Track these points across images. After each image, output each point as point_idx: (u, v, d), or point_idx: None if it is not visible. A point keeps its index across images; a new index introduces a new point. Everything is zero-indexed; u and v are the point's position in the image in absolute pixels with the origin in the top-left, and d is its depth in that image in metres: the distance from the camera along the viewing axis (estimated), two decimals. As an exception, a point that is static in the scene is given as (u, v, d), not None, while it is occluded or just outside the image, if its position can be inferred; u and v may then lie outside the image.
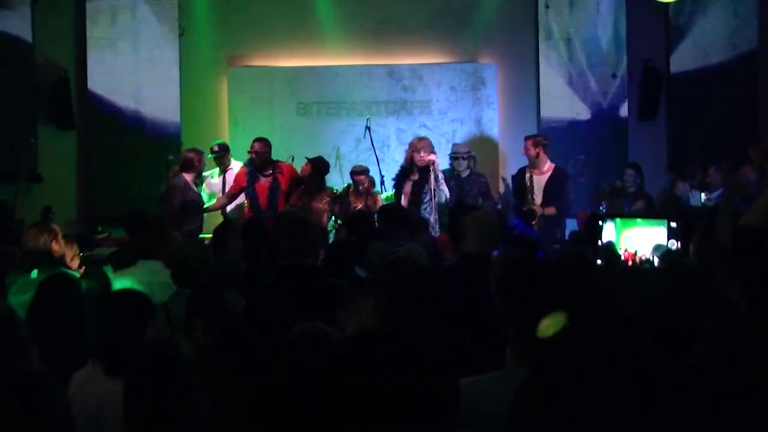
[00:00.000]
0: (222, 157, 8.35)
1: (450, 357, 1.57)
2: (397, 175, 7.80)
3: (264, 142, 7.89)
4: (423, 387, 1.51)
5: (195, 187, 7.88)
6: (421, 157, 7.52)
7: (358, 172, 7.81)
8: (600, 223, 1.42)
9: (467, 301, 3.78)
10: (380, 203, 7.63)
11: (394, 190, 7.82)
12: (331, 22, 9.44)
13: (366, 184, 7.79)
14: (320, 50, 9.43)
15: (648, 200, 7.75)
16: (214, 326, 2.75)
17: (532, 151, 7.97)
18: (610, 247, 1.40)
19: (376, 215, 6.51)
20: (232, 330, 2.75)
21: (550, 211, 7.75)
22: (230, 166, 8.35)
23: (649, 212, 6.49)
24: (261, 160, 7.82)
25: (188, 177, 7.77)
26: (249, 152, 7.89)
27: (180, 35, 9.31)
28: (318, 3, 9.43)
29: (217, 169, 8.45)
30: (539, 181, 7.90)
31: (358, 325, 3.03)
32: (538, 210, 7.66)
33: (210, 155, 8.21)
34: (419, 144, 7.64)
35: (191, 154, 7.87)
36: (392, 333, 1.60)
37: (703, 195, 7.88)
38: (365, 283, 3.77)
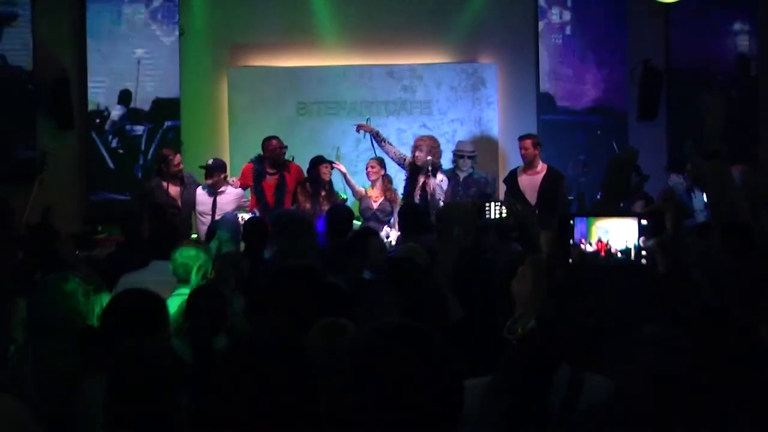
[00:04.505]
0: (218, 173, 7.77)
1: (456, 357, 1.56)
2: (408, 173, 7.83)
3: (279, 140, 7.92)
4: (429, 386, 1.50)
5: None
6: (418, 155, 7.59)
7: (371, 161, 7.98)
8: (571, 222, 1.41)
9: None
10: (398, 200, 7.71)
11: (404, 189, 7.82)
12: (331, 22, 9.45)
13: (377, 173, 7.86)
14: (320, 50, 9.43)
15: (648, 201, 7.73)
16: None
17: (532, 151, 7.85)
18: (579, 246, 1.39)
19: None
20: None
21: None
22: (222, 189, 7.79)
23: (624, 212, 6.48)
24: (281, 157, 7.84)
25: (162, 180, 7.60)
26: (269, 149, 7.86)
27: (180, 35, 9.31)
28: (318, 3, 9.44)
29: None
30: (533, 181, 7.79)
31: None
32: None
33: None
34: (419, 142, 7.72)
35: (160, 153, 7.71)
36: (400, 330, 1.60)
37: (704, 195, 7.84)
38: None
